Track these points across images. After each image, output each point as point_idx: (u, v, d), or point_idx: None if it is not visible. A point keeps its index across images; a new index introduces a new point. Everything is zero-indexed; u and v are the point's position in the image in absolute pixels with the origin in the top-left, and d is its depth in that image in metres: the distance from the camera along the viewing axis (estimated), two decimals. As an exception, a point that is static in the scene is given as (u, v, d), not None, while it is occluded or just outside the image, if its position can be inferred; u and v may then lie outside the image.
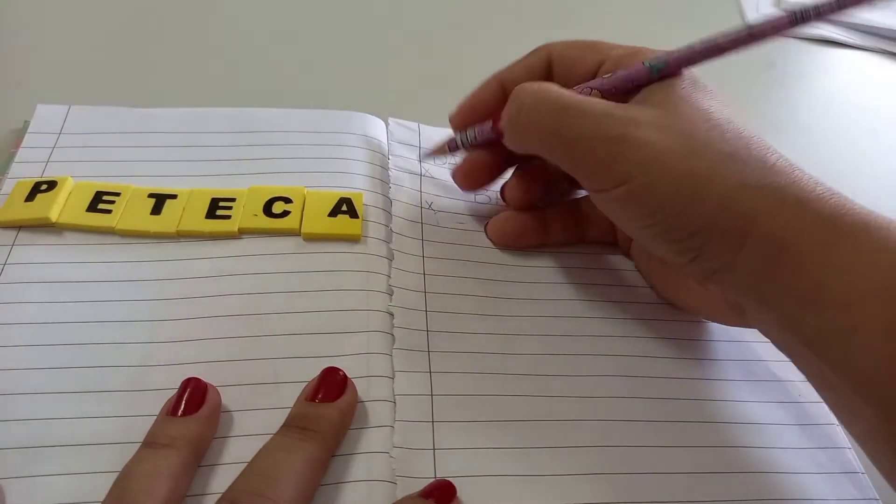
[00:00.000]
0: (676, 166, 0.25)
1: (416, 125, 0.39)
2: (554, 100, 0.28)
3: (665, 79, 0.28)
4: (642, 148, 0.26)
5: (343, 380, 0.27)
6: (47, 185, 0.32)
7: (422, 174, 0.36)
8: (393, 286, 0.31)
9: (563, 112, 0.27)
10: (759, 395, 0.30)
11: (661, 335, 0.32)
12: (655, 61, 0.27)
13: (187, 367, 0.27)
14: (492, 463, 0.27)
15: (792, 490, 0.27)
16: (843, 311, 0.23)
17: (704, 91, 0.28)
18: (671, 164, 0.25)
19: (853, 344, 0.22)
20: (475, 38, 0.50)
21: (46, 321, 0.29)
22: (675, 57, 0.27)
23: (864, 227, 0.23)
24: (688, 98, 0.27)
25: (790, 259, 0.24)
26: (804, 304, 0.24)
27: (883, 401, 0.22)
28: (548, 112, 0.27)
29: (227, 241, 0.32)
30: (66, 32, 0.45)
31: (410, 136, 0.38)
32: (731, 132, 0.26)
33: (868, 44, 0.54)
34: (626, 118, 0.26)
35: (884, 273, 0.22)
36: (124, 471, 0.23)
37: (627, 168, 0.26)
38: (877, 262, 0.23)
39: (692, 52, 0.27)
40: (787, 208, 0.24)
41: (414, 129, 0.39)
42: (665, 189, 0.25)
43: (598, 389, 0.29)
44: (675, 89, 0.27)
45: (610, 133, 0.26)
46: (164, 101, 0.39)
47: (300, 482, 0.23)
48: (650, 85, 0.28)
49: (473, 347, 0.30)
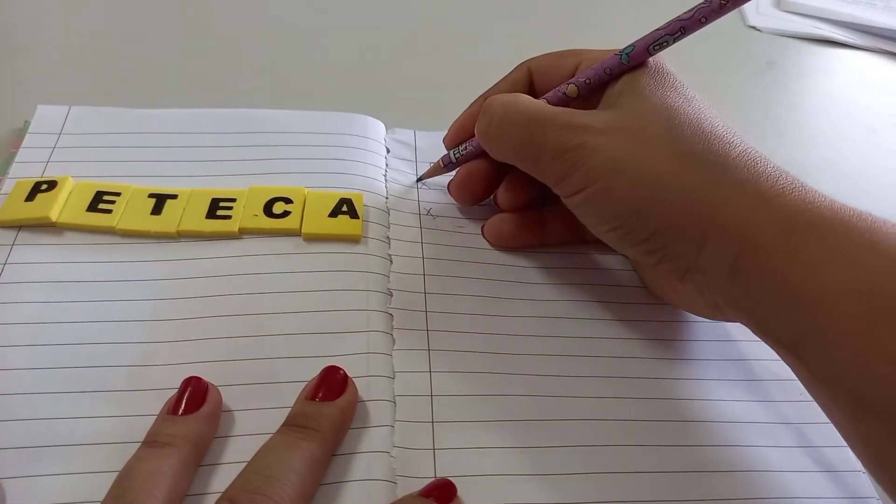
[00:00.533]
0: (630, 170, 0.26)
1: (412, 134, 0.39)
2: (521, 112, 0.29)
3: (636, 68, 0.28)
4: (598, 154, 0.26)
5: (344, 379, 0.27)
6: (47, 185, 0.32)
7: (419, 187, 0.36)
8: (392, 289, 0.31)
9: (528, 125, 0.28)
10: (758, 394, 0.30)
11: (660, 336, 0.32)
12: (625, 48, 0.28)
13: (187, 367, 0.27)
14: (492, 463, 0.27)
15: (791, 489, 0.27)
16: (812, 310, 0.22)
17: (667, 85, 0.28)
18: (626, 169, 0.26)
19: (824, 343, 0.22)
20: (475, 39, 0.50)
21: (46, 321, 0.29)
22: (641, 39, 0.28)
23: (827, 222, 0.23)
24: (649, 96, 0.27)
25: (753, 257, 0.24)
26: (773, 305, 0.24)
27: (852, 401, 0.22)
28: (514, 125, 0.29)
29: (228, 242, 0.32)
30: (66, 32, 0.45)
31: (406, 151, 0.39)
32: (690, 130, 0.26)
33: (868, 44, 0.55)
34: (584, 126, 0.27)
35: (852, 269, 0.22)
36: (125, 470, 0.23)
37: (586, 175, 0.27)
38: (845, 259, 0.22)
39: (655, 32, 0.27)
40: (747, 205, 0.24)
41: (410, 143, 0.39)
42: (620, 192, 0.26)
43: (598, 389, 0.29)
44: (638, 86, 0.27)
45: (569, 143, 0.27)
46: (164, 101, 0.39)
47: (300, 481, 0.23)
48: (620, 78, 0.28)
49: (473, 347, 0.30)
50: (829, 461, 0.28)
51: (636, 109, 0.27)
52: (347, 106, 0.39)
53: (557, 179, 0.28)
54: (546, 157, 0.28)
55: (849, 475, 0.28)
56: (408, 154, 0.39)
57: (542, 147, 0.28)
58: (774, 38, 0.54)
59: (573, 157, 0.27)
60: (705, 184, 0.25)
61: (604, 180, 0.26)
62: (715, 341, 0.32)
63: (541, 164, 0.29)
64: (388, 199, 0.35)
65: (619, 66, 0.28)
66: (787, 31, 0.55)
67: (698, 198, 0.25)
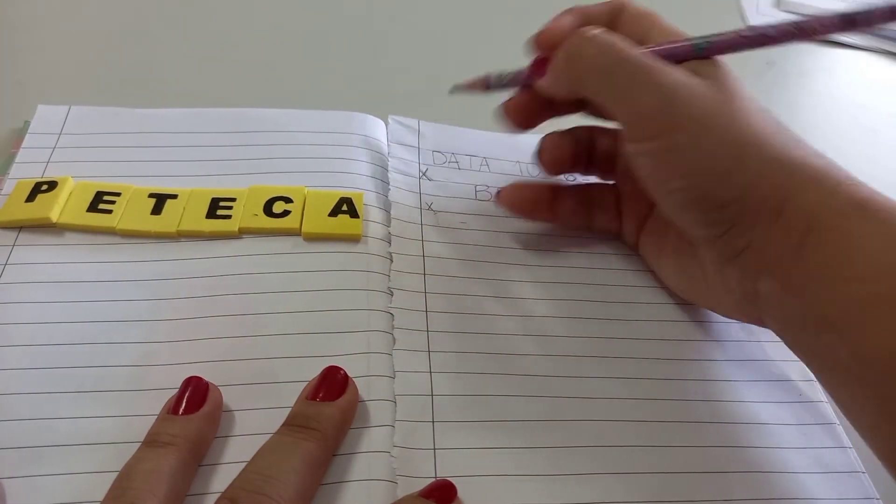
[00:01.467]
0: (724, 128, 0.25)
1: (416, 122, 0.39)
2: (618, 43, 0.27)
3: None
4: (695, 101, 0.26)
5: (344, 379, 0.27)
6: (48, 186, 0.32)
7: (420, 176, 0.36)
8: (392, 287, 0.31)
9: (625, 53, 0.27)
10: (760, 394, 0.30)
11: (662, 336, 0.32)
12: (699, 40, 0.28)
13: (188, 367, 0.27)
14: (492, 463, 0.27)
15: (793, 489, 0.27)
16: (863, 283, 0.23)
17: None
18: (720, 124, 0.25)
19: (868, 315, 0.23)
20: (475, 38, 0.50)
21: (47, 321, 0.29)
22: (720, 39, 0.27)
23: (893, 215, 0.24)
24: (736, 78, 0.27)
25: (820, 236, 0.24)
26: (828, 282, 0.24)
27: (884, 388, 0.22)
28: (611, 51, 0.27)
29: (228, 241, 0.32)
30: (66, 32, 0.45)
31: (410, 137, 0.38)
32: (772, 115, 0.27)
33: (868, 44, 0.54)
34: (683, 73, 0.26)
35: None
36: (124, 470, 0.23)
37: (676, 119, 0.26)
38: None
39: (737, 37, 0.27)
40: (824, 187, 0.25)
41: (413, 128, 0.39)
42: (709, 147, 0.26)
43: (599, 390, 0.29)
44: (723, 68, 0.27)
45: (665, 80, 0.26)
46: (164, 101, 0.39)
47: (300, 481, 0.23)
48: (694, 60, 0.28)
49: (474, 348, 0.30)
50: (830, 462, 0.28)
51: (730, 83, 0.27)
52: (347, 105, 0.39)
53: (639, 117, 0.27)
54: (636, 88, 0.26)
55: (849, 475, 0.28)
56: (411, 140, 0.38)
57: (635, 77, 0.26)
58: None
59: (666, 96, 0.26)
60: (789, 160, 0.25)
61: (691, 131, 0.26)
62: (716, 341, 0.32)
63: (628, 96, 0.27)
64: (389, 191, 0.35)
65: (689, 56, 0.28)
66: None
67: (781, 171, 0.25)
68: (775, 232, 0.25)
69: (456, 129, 0.40)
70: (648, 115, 0.27)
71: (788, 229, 0.25)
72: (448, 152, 0.38)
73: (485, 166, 0.38)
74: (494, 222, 0.35)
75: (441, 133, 0.39)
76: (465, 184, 0.37)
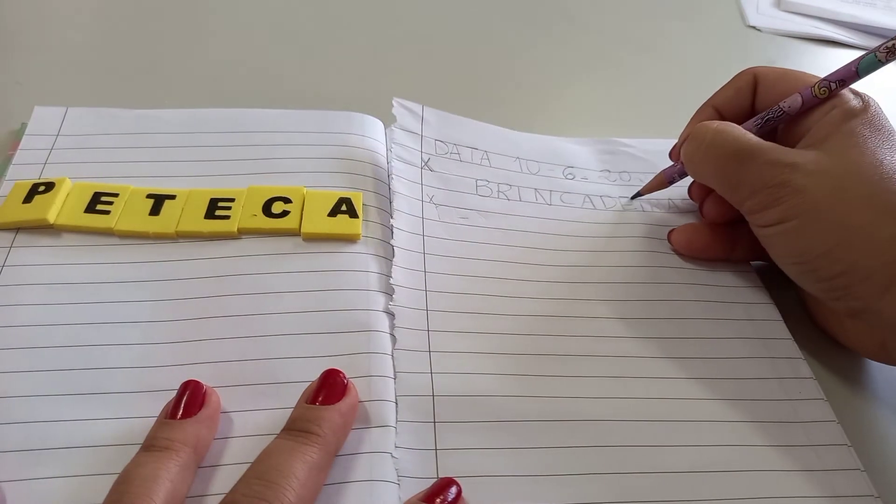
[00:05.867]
0: (828, 216, 0.28)
1: (420, 108, 0.39)
2: (730, 142, 0.31)
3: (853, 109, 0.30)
4: (800, 195, 0.28)
5: (344, 382, 0.26)
6: (45, 187, 0.32)
7: (422, 166, 0.36)
8: (394, 284, 0.31)
9: (736, 155, 0.30)
10: (759, 393, 0.30)
11: (660, 335, 0.32)
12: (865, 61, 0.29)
13: (187, 368, 0.27)
14: (494, 463, 0.26)
15: (792, 488, 0.27)
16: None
17: (881, 135, 0.29)
18: (824, 213, 0.28)
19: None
20: (475, 38, 0.50)
21: (45, 323, 0.28)
22: None
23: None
24: (861, 143, 0.28)
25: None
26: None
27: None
28: (722, 154, 0.31)
29: (227, 242, 0.32)
30: (65, 33, 0.45)
31: (413, 123, 0.38)
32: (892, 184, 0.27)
33: (868, 44, 0.54)
34: (791, 164, 0.29)
35: None
36: (123, 474, 0.23)
37: (784, 212, 0.29)
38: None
39: None
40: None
41: (417, 113, 0.39)
42: (813, 233, 0.28)
43: (599, 389, 0.29)
44: (853, 131, 0.29)
45: (774, 180, 0.29)
46: (162, 101, 0.39)
47: (301, 486, 0.23)
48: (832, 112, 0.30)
49: (475, 348, 0.30)
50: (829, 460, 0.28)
51: (844, 156, 0.28)
52: (346, 105, 0.39)
53: (754, 211, 0.30)
54: (747, 188, 0.30)
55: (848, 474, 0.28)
56: (415, 126, 0.38)
57: (745, 178, 0.30)
58: (774, 38, 0.54)
59: (776, 193, 0.29)
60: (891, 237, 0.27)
61: (800, 220, 0.28)
62: (713, 340, 0.32)
63: (741, 194, 0.30)
64: (392, 181, 0.35)
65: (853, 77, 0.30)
66: (787, 31, 0.55)
67: (890, 249, 0.27)
68: (886, 302, 0.27)
69: (459, 119, 0.39)
70: (760, 209, 0.30)
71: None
72: (450, 143, 0.38)
73: (486, 160, 0.38)
74: (495, 219, 0.35)
75: (444, 121, 0.38)
76: (467, 177, 0.37)
